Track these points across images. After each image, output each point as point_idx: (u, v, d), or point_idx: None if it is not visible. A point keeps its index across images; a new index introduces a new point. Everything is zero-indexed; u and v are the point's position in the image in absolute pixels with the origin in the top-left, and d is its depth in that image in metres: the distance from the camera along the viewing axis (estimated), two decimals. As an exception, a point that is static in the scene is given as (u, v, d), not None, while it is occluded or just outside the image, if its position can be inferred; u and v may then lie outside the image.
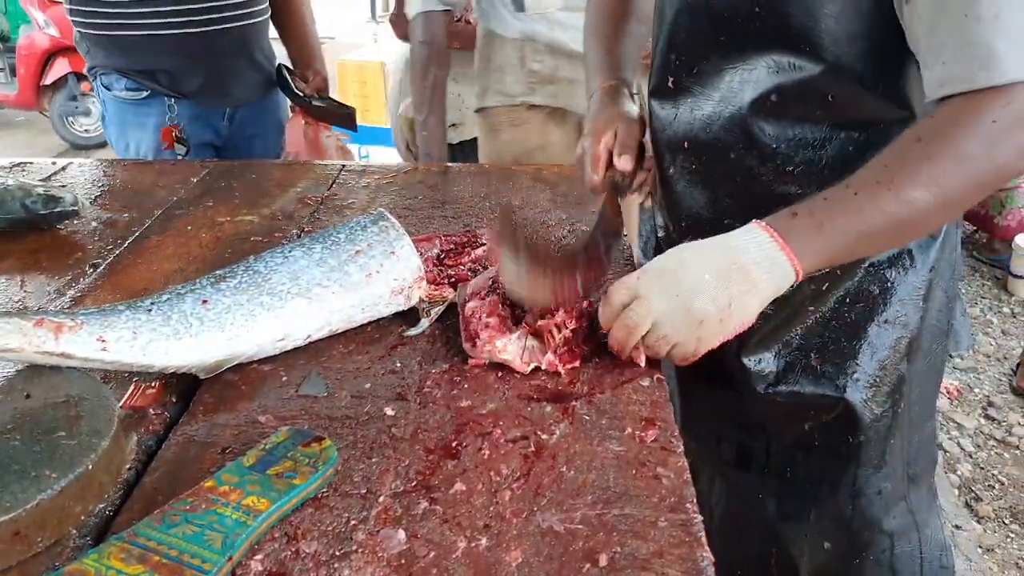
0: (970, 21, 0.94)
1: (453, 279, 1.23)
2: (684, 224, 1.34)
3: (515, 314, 1.12)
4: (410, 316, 1.18)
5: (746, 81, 1.16)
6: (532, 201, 1.59)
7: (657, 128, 1.33)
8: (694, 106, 1.24)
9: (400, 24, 2.77)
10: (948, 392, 3.48)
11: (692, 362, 1.05)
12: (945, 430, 3.25)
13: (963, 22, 0.95)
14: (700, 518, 0.83)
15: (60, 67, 6.56)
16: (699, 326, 1.00)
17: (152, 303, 1.04)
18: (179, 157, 2.09)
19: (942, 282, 1.28)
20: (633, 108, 1.35)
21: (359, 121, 5.13)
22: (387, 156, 5.30)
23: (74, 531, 0.81)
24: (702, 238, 1.29)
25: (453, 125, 2.82)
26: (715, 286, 1.00)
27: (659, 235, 1.47)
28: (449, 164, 1.83)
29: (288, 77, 2.31)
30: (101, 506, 0.84)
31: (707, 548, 0.79)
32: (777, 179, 1.19)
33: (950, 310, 1.32)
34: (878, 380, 1.26)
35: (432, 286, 1.20)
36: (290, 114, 2.40)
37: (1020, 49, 0.93)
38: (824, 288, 1.23)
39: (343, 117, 2.38)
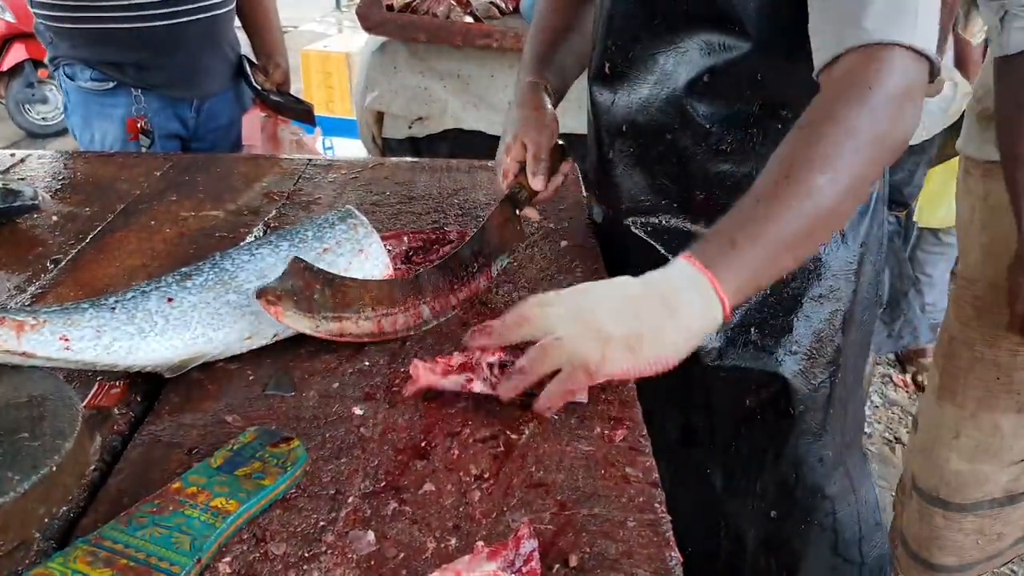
0: None
1: None
2: (624, 207, 1.37)
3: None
4: (378, 314, 1.17)
5: (680, 63, 1.21)
6: (499, 197, 1.58)
7: (596, 114, 1.37)
8: (631, 90, 1.28)
9: (368, 15, 2.75)
10: (905, 385, 3.54)
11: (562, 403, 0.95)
12: (904, 423, 3.31)
13: None
14: (668, 518, 0.83)
15: (16, 53, 6.43)
16: (606, 344, 0.89)
17: (116, 301, 1.02)
18: (143, 149, 2.07)
19: (871, 256, 1.34)
20: (549, 109, 1.33)
21: (324, 112, 5.09)
22: (352, 148, 5.26)
23: (37, 534, 0.80)
24: (642, 220, 1.35)
25: (420, 119, 2.81)
26: (628, 310, 0.90)
27: (597, 222, 1.49)
28: (416, 159, 1.82)
29: (248, 70, 2.29)
30: (65, 508, 0.83)
31: (675, 548, 0.80)
32: (712, 158, 1.24)
33: (879, 283, 1.39)
34: (815, 352, 1.32)
35: None
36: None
37: (889, 11, 0.95)
38: None
39: (301, 113, 2.36)
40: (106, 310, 1.00)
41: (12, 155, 1.74)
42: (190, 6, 2.06)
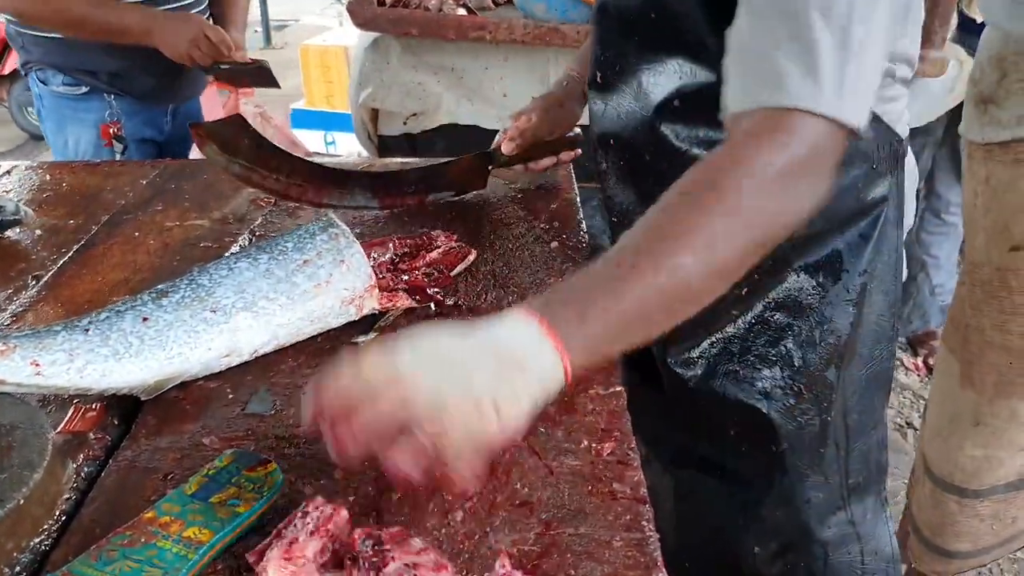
0: (776, 41, 0.87)
1: (408, 285, 1.20)
2: (615, 219, 1.34)
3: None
4: (362, 324, 1.15)
5: (656, 83, 1.16)
6: (490, 198, 1.55)
7: (591, 121, 1.34)
8: (618, 103, 1.25)
9: (359, 11, 2.72)
10: (916, 369, 3.50)
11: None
12: (915, 408, 3.27)
13: (769, 42, 0.88)
14: (656, 536, 0.81)
15: (17, 57, 6.43)
16: (478, 404, 0.73)
17: (90, 322, 1.00)
18: (118, 156, 2.04)
19: (881, 285, 1.23)
20: (571, 104, 1.49)
21: (324, 107, 5.02)
22: (353, 142, 5.22)
23: (6, 569, 0.78)
24: None
25: (414, 115, 2.78)
26: (487, 370, 0.75)
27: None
28: (407, 160, 1.79)
29: None
30: (36, 541, 0.81)
31: (663, 569, 0.77)
32: None
33: (893, 315, 1.28)
34: (800, 388, 1.22)
35: (385, 294, 1.17)
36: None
37: (811, 78, 0.85)
38: (744, 293, 1.18)
39: (257, 74, 2.18)
40: (79, 332, 0.98)
41: (-4, 166, 1.73)
42: None
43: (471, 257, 1.30)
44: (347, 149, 5.37)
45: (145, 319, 1.01)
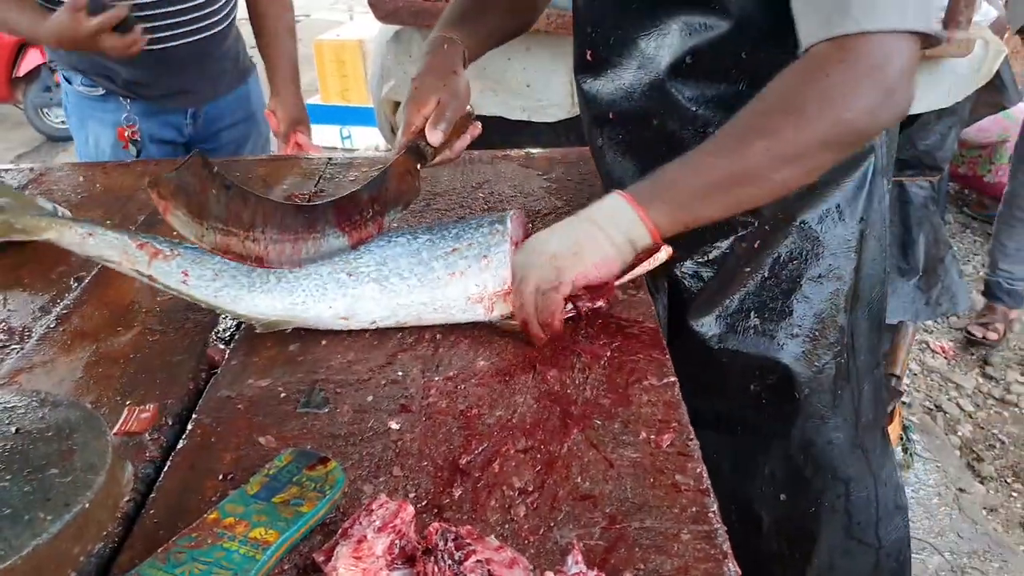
0: None
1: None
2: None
3: None
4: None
5: (661, 46, 1.20)
6: (525, 189, 1.54)
7: (584, 102, 1.37)
8: (615, 76, 1.27)
9: (380, 4, 2.70)
10: (943, 351, 3.48)
11: (559, 320, 1.06)
12: (944, 391, 3.25)
13: None
14: (724, 528, 0.80)
15: (32, 58, 6.43)
16: (553, 259, 1.04)
17: None
18: (134, 158, 2.04)
19: (874, 231, 1.32)
20: (463, 75, 1.29)
21: (339, 102, 5.05)
22: (370, 136, 5.22)
23: (74, 575, 0.77)
24: None
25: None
26: (562, 232, 1.07)
27: None
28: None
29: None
30: (100, 545, 0.80)
31: (734, 560, 0.76)
32: (700, 141, 1.19)
33: (884, 258, 1.37)
34: (816, 334, 1.30)
35: None
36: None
37: (866, 3, 0.95)
38: (756, 246, 1.27)
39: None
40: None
41: (31, 169, 1.72)
42: (181, 30, 1.99)
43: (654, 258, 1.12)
44: (363, 143, 5.38)
45: None
